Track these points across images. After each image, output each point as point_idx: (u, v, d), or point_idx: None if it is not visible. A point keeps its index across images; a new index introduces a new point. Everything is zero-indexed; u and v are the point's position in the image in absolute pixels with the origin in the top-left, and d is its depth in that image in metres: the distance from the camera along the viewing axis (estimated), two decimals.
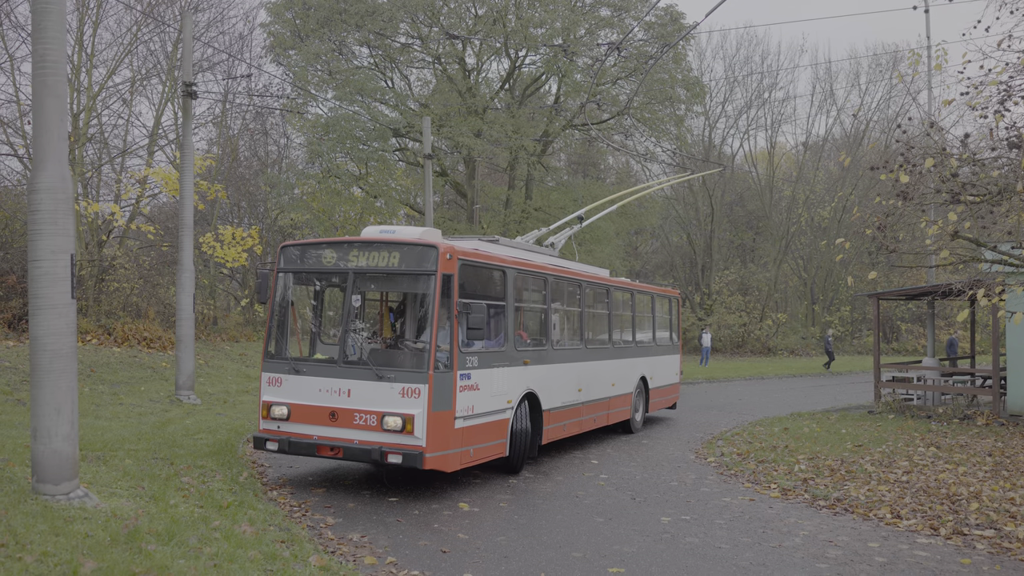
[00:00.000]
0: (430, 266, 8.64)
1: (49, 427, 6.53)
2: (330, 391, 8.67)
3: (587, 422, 12.56)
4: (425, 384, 8.34)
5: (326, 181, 27.77)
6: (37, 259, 6.55)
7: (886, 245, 10.96)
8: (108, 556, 5.32)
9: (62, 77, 6.77)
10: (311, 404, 8.74)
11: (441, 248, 8.66)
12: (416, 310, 9.46)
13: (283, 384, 8.96)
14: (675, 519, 8.23)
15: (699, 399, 21.67)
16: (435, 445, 8.39)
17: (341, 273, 9.12)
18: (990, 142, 9.90)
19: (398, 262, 8.83)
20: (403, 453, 8.22)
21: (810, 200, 45.70)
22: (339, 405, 8.61)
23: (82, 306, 20.86)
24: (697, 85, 31.42)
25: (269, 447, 8.84)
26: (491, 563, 6.55)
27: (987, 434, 14.30)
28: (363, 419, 8.47)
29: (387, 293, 10.24)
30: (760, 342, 41.86)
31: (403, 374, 8.49)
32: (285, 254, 9.49)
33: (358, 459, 8.53)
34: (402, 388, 8.38)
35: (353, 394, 8.56)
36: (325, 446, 8.59)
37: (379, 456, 8.28)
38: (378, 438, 8.40)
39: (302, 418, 8.77)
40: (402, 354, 9.11)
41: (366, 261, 8.93)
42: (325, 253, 9.15)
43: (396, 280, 9.16)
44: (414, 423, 8.27)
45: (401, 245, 8.89)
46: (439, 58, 29.60)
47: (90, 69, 22.81)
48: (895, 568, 6.68)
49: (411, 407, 8.33)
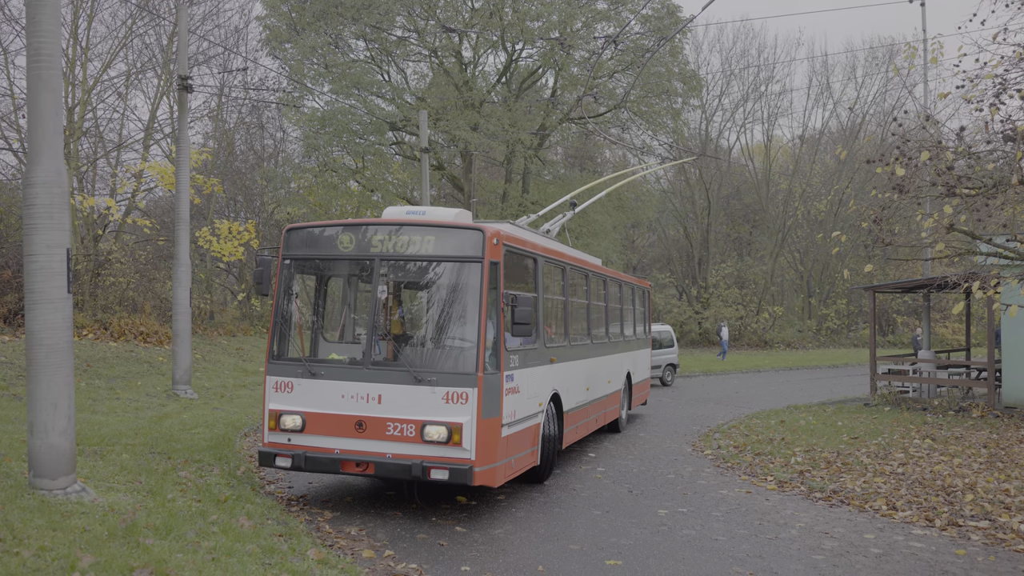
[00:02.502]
0: (475, 252, 7.62)
1: (46, 422, 6.53)
2: (355, 397, 7.55)
3: (591, 423, 11.82)
4: (474, 388, 7.32)
5: (323, 175, 27.72)
6: (33, 254, 6.53)
7: (882, 238, 10.97)
8: (106, 550, 5.32)
9: (57, 71, 6.74)
10: (331, 413, 7.60)
11: (488, 232, 7.66)
12: (457, 302, 8.07)
13: (295, 389, 7.78)
14: (672, 511, 8.25)
15: (696, 392, 21.72)
16: (484, 457, 7.37)
17: (364, 260, 8.02)
18: (985, 135, 9.91)
19: (437, 248, 7.76)
20: (450, 468, 7.20)
21: (806, 193, 45.73)
22: (367, 413, 7.49)
23: (78, 301, 20.82)
24: (694, 78, 31.38)
25: (280, 464, 7.68)
26: (488, 556, 6.57)
27: (982, 426, 14.35)
28: (398, 429, 7.38)
29: (416, 283, 8.78)
30: (757, 335, 41.93)
31: (447, 376, 7.42)
32: (291, 239, 8.23)
33: (393, 476, 7.43)
34: (446, 392, 7.35)
35: (385, 400, 7.48)
36: (350, 461, 7.47)
37: (420, 472, 7.21)
38: (417, 451, 7.33)
39: (320, 429, 7.62)
40: (443, 353, 7.82)
41: (394, 246, 7.81)
42: (342, 237, 7.99)
43: (433, 268, 8.02)
44: (462, 433, 7.23)
45: (440, 228, 7.83)
46: (435, 51, 29.51)
47: (85, 63, 22.71)
48: (891, 559, 6.72)
49: (458, 414, 7.30)
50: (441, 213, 8.50)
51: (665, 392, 21.74)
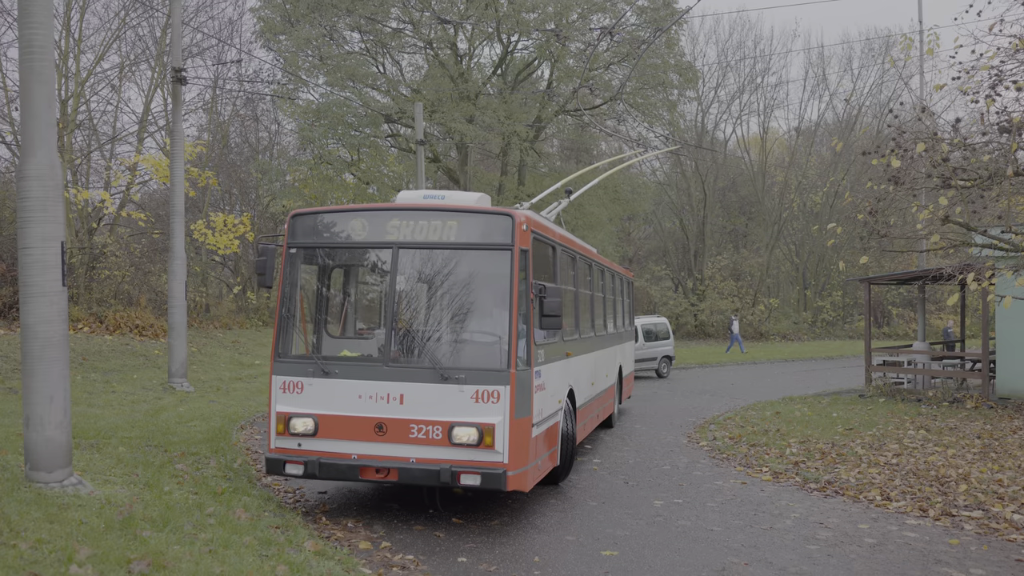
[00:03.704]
0: (504, 239, 7.11)
1: (42, 415, 6.53)
2: (374, 397, 7.02)
3: (594, 419, 11.43)
4: (506, 385, 6.85)
5: (318, 167, 27.66)
6: (27, 247, 6.52)
7: (877, 230, 11.01)
8: (103, 542, 5.33)
9: (50, 63, 6.71)
10: (348, 415, 7.05)
11: (517, 218, 7.16)
12: (485, 293, 7.54)
13: (305, 390, 7.20)
14: (668, 502, 8.29)
15: (691, 384, 21.78)
16: (517, 460, 6.92)
17: (381, 248, 7.47)
18: (981, 127, 9.94)
19: (461, 234, 7.23)
20: (481, 473, 6.74)
21: (802, 185, 45.76)
22: (387, 415, 6.97)
23: (73, 294, 20.77)
24: (690, 70, 31.34)
25: (290, 471, 7.09)
26: (485, 547, 6.60)
27: (976, 417, 14.42)
28: (423, 431, 6.89)
29: (439, 273, 8.07)
30: (752, 327, 42.00)
31: (477, 374, 6.92)
32: (297, 225, 7.62)
33: (418, 482, 6.89)
34: (476, 391, 6.86)
35: (407, 400, 6.96)
36: (370, 467, 6.94)
37: (450, 478, 6.74)
38: (444, 455, 6.85)
39: (335, 432, 7.07)
40: (471, 349, 7.31)
41: (413, 233, 7.26)
42: (354, 224, 7.45)
43: (459, 257, 7.43)
44: (494, 435, 6.77)
45: (466, 213, 7.33)
46: (431, 43, 29.42)
47: (78, 55, 22.61)
48: (884, 549, 6.76)
49: (489, 414, 6.82)
50: (461, 197, 8.06)
51: (661, 384, 21.79)
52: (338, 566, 5.67)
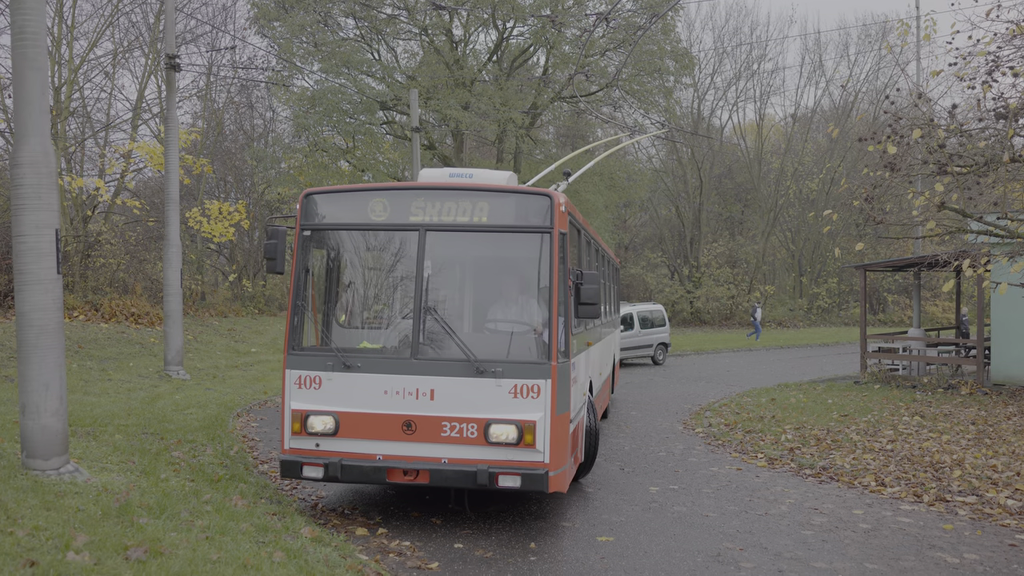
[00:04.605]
0: (543, 221, 6.61)
1: (38, 403, 6.52)
2: (401, 393, 6.50)
3: (600, 409, 11.09)
4: (547, 379, 6.39)
5: (313, 155, 27.54)
6: (21, 234, 6.49)
7: (873, 216, 11.01)
8: (100, 529, 5.34)
9: (42, 49, 6.66)
10: (372, 412, 6.54)
11: (556, 198, 6.66)
12: (523, 280, 7.04)
13: (324, 385, 6.66)
14: (663, 489, 8.32)
15: (687, 371, 21.83)
16: (557, 460, 6.48)
17: (405, 231, 6.85)
18: (977, 113, 9.93)
19: (494, 216, 6.71)
20: (522, 474, 6.29)
21: (798, 172, 45.73)
22: (417, 412, 6.47)
23: (68, 282, 20.72)
24: (686, 56, 31.22)
25: (309, 474, 6.56)
26: (481, 533, 6.62)
27: (971, 403, 14.49)
28: (456, 430, 6.41)
29: (471, 258, 7.61)
30: (748, 314, 42.07)
31: (515, 367, 6.45)
32: (310, 205, 7.00)
33: (451, 484, 6.42)
34: (514, 385, 6.39)
35: (438, 396, 6.46)
36: (397, 469, 6.42)
37: (487, 480, 6.27)
38: (480, 454, 6.39)
39: (358, 431, 6.56)
40: (508, 340, 6.82)
41: (440, 214, 6.72)
42: (374, 204, 6.87)
43: (492, 241, 7.01)
44: (535, 433, 6.33)
45: (500, 194, 6.85)
46: (426, 29, 29.25)
47: (71, 41, 22.44)
48: (879, 534, 6.80)
49: (529, 411, 6.37)
50: (489, 176, 7.57)
51: (656, 371, 21.84)
52: (335, 552, 5.69)
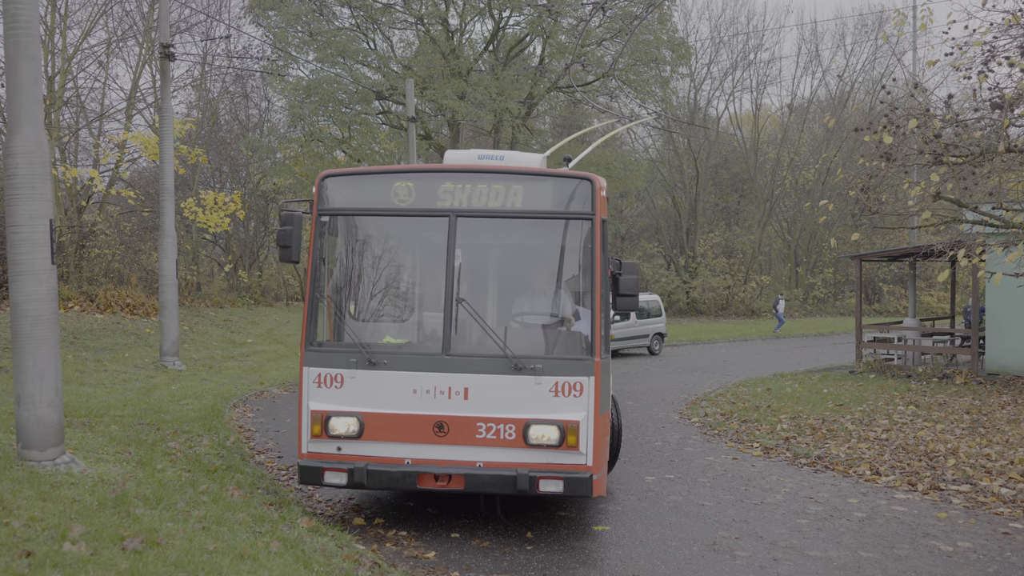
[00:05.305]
0: (584, 207, 6.21)
1: (33, 393, 6.51)
2: (432, 392, 6.05)
3: None
4: (590, 376, 6.01)
5: (308, 145, 27.45)
6: (15, 224, 6.46)
7: (869, 207, 11.02)
8: (96, 520, 5.34)
9: (35, 38, 6.61)
10: (401, 413, 6.07)
11: (597, 182, 6.27)
12: (562, 270, 6.66)
13: (346, 384, 6.17)
14: (659, 478, 8.35)
15: (683, 361, 21.88)
16: (600, 462, 6.15)
17: (434, 217, 6.33)
18: (973, 103, 9.92)
19: (529, 201, 6.25)
20: (564, 478, 5.88)
21: (794, 162, 45.72)
22: (450, 412, 6.03)
23: (63, 273, 20.66)
24: (682, 46, 31.17)
25: (331, 480, 6.08)
26: (478, 523, 6.64)
27: (965, 392, 14.55)
28: (492, 431, 5.98)
29: (506, 246, 7.11)
30: (744, 304, 42.16)
31: (556, 363, 6.07)
32: (328, 188, 6.45)
33: (488, 490, 6.01)
34: (555, 383, 5.99)
35: (472, 395, 6.02)
36: (428, 474, 5.99)
37: (528, 484, 5.84)
38: (518, 457, 5.97)
39: (385, 434, 6.10)
40: (548, 334, 6.48)
41: (471, 199, 6.25)
42: (397, 187, 6.34)
43: (529, 228, 6.52)
44: (578, 434, 5.92)
45: (537, 177, 6.40)
46: (422, 19, 29.12)
47: (64, 30, 22.29)
48: (873, 523, 6.84)
49: (571, 410, 5.97)
50: (522, 159, 7.15)
51: (653, 361, 21.89)
52: (332, 542, 5.70)
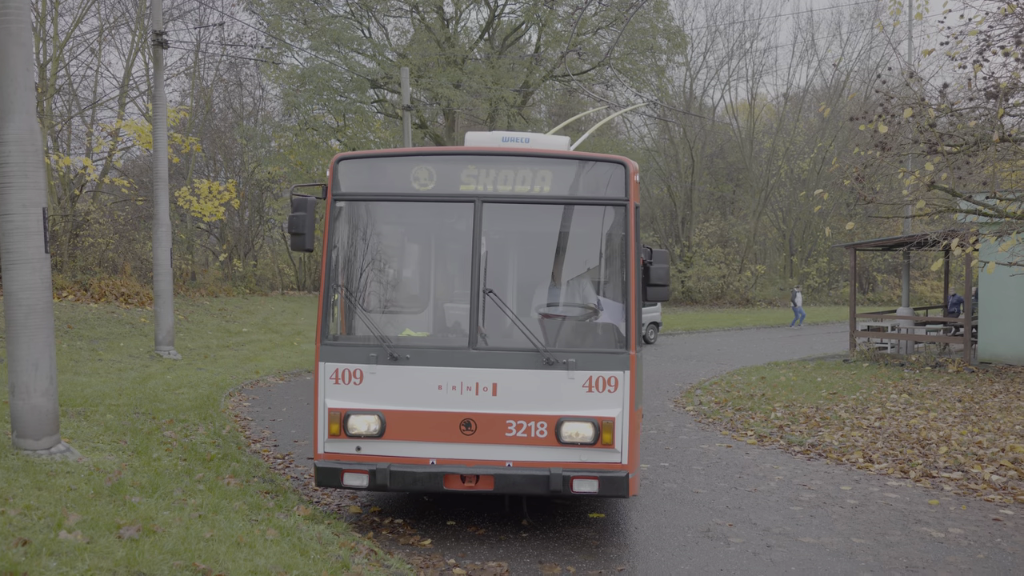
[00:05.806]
0: (618, 192, 5.90)
1: (27, 383, 6.50)
2: (459, 388, 5.77)
3: None
4: (625, 371, 5.78)
5: (303, 133, 27.36)
6: (8, 213, 6.44)
7: (864, 196, 11.03)
8: (92, 509, 5.34)
9: (26, 24, 6.57)
10: (425, 410, 5.79)
11: (631, 166, 5.94)
12: (595, 259, 6.39)
13: (366, 380, 5.87)
14: (654, 466, 8.39)
15: (678, 350, 21.93)
16: (634, 460, 5.88)
17: (457, 202, 6.03)
18: (968, 92, 9.92)
19: (560, 186, 5.95)
20: (599, 477, 5.65)
21: (790, 152, 45.73)
22: (477, 409, 5.76)
23: (57, 262, 20.59)
24: (678, 35, 31.10)
25: (351, 482, 5.77)
26: (474, 511, 6.67)
27: (957, 381, 14.63)
28: (523, 429, 5.73)
29: (534, 234, 6.73)
30: (739, 293, 42.26)
31: (590, 357, 5.79)
32: (343, 172, 6.10)
33: (519, 491, 5.75)
34: (589, 378, 5.73)
35: (501, 390, 5.75)
36: (455, 475, 5.72)
37: (561, 485, 5.61)
38: (550, 456, 5.72)
39: (408, 432, 5.81)
40: (580, 326, 6.21)
41: (496, 183, 5.94)
42: (418, 171, 6.01)
43: (559, 214, 6.15)
44: (613, 431, 5.70)
45: (567, 160, 6.04)
46: (417, 6, 28.99)
47: (55, 17, 22.13)
48: (866, 509, 6.89)
49: (606, 406, 5.73)
50: (548, 141, 6.81)
51: (648, 350, 21.94)
52: (328, 530, 5.72)
